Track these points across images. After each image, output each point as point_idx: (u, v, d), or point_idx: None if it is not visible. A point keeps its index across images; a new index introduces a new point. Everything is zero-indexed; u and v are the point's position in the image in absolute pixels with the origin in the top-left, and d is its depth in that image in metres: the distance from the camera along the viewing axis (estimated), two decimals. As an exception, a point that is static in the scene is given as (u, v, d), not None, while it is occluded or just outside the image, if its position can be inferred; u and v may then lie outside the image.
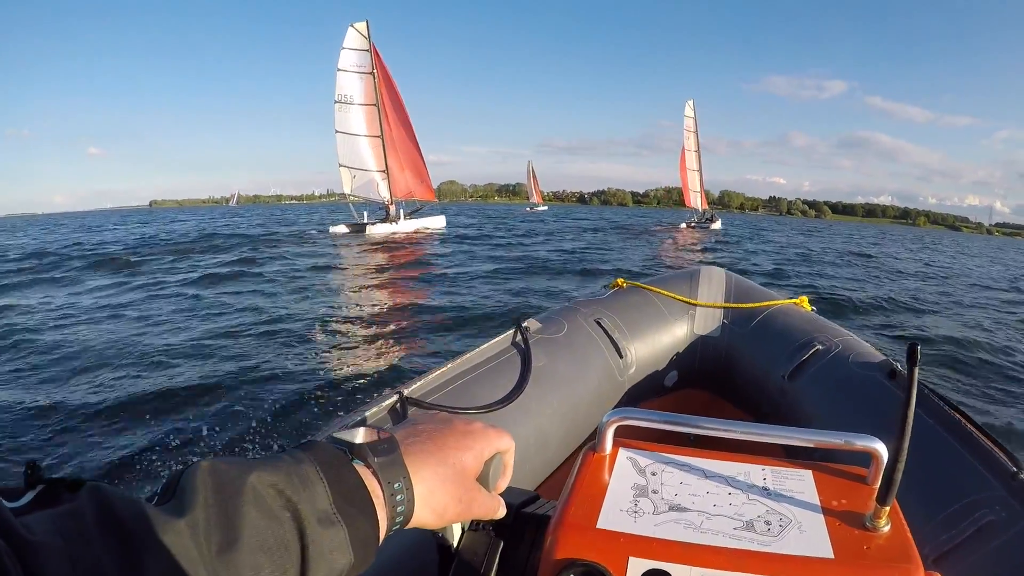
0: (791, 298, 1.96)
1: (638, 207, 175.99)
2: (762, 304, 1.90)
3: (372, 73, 20.34)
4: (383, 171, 20.74)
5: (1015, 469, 1.00)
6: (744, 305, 1.91)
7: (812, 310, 1.94)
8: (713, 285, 1.98)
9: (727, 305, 1.92)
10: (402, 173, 21.05)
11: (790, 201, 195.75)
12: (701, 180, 33.68)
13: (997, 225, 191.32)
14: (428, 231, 20.96)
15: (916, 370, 0.51)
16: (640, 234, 24.34)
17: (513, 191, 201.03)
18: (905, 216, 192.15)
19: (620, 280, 2.05)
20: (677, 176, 32.22)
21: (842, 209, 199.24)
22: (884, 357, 1.53)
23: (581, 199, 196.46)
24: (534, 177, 69.59)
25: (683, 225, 30.63)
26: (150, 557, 0.30)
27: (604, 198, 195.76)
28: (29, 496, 0.31)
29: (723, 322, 1.89)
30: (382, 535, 0.42)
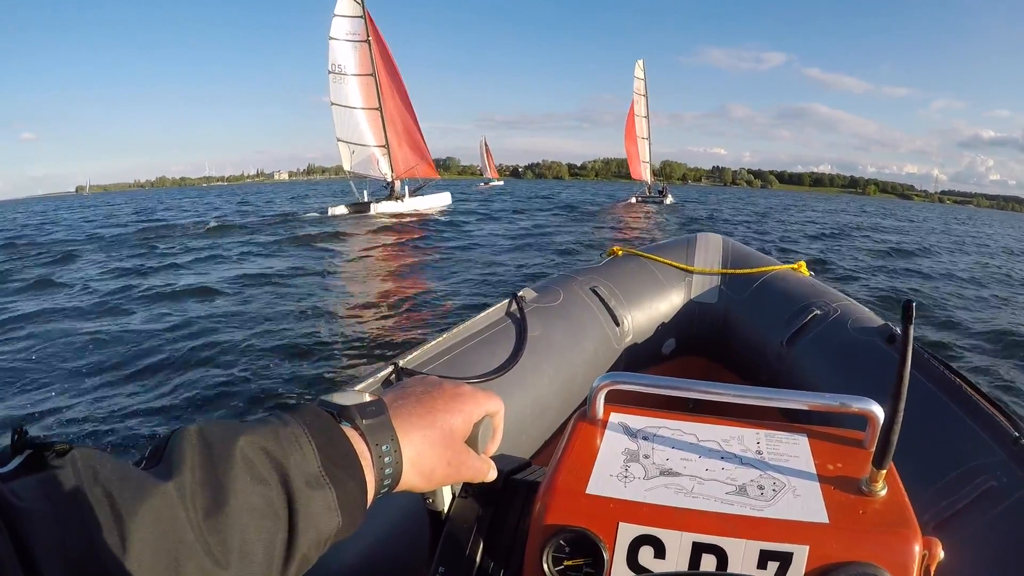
0: (789, 263, 1.95)
1: (576, 180, 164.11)
2: (760, 269, 1.89)
3: (367, 41, 19.08)
4: (383, 146, 19.58)
5: (1016, 434, 0.98)
6: (741, 271, 1.90)
7: (810, 275, 1.93)
8: (710, 251, 1.99)
9: (724, 271, 1.92)
10: (401, 149, 19.83)
11: (734, 171, 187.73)
12: (650, 149, 31.09)
13: (944, 193, 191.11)
14: (434, 210, 19.80)
15: (911, 328, 0.51)
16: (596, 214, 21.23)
17: (445, 165, 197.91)
18: (853, 185, 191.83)
19: (616, 248, 2.05)
20: (618, 148, 28.43)
21: (788, 179, 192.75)
22: (883, 322, 1.52)
23: (515, 173, 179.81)
24: (488, 152, 69.72)
25: (633, 200, 27.44)
26: (137, 521, 0.31)
27: (539, 171, 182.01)
28: (16, 461, 0.31)
29: (720, 288, 1.90)
30: (370, 498, 0.42)
